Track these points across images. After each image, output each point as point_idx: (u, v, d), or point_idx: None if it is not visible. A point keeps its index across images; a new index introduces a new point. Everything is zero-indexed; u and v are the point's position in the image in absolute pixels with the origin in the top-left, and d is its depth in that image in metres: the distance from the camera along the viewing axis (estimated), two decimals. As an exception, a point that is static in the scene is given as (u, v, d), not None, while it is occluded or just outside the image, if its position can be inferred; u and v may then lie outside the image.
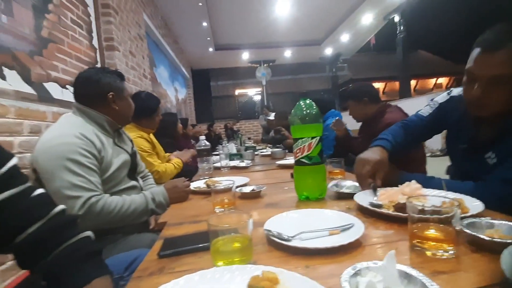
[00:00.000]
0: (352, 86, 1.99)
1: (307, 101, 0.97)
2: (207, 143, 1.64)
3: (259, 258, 0.53)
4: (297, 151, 0.94)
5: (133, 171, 1.16)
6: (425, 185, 0.88)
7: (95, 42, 2.49)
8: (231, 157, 2.26)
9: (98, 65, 2.50)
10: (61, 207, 0.61)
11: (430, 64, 15.43)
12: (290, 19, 6.47)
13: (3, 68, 1.42)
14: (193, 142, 3.99)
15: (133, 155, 1.18)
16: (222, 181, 1.33)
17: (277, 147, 3.54)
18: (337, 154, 2.16)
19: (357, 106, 1.85)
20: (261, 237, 0.62)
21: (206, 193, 1.16)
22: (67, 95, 1.95)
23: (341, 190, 0.96)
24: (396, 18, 6.50)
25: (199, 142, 1.63)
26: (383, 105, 1.83)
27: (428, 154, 1.77)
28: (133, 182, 1.12)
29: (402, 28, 6.44)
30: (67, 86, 1.98)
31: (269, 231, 0.59)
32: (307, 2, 5.76)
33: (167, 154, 2.11)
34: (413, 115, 1.19)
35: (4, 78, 1.42)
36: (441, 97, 1.10)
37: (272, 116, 4.61)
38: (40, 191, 0.60)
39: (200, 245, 0.57)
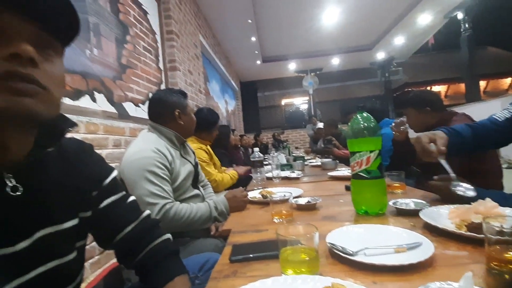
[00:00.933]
0: (413, 93, 1.84)
1: (364, 114, 0.97)
2: (261, 154, 1.71)
3: (324, 271, 0.56)
4: (355, 165, 0.94)
5: (196, 180, 1.30)
6: (503, 203, 0.81)
7: (160, 64, 2.82)
8: (281, 167, 2.30)
9: (163, 85, 2.81)
10: (147, 212, 0.73)
11: (502, 62, 13.43)
12: (338, 26, 6.36)
13: (94, 92, 1.72)
14: (242, 151, 4.16)
15: (195, 165, 1.32)
16: (277, 192, 1.38)
17: (327, 158, 3.47)
18: (394, 165, 2.03)
19: (418, 115, 1.71)
20: (323, 249, 0.65)
21: (262, 203, 1.22)
22: (140, 112, 2.24)
23: (403, 207, 0.92)
24: (460, 15, 5.89)
25: (253, 153, 1.72)
26: (447, 113, 1.68)
27: (504, 166, 1.56)
28: (196, 191, 1.24)
29: (467, 25, 5.81)
30: (139, 105, 2.27)
31: (333, 244, 0.61)
32: (356, 8, 5.62)
33: (224, 168, 2.26)
34: (485, 119, 1.09)
35: (95, 100, 1.71)
36: None
37: (320, 125, 4.53)
38: (132, 198, 0.73)
39: (268, 254, 0.62)
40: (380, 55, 8.67)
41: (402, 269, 0.51)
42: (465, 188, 0.88)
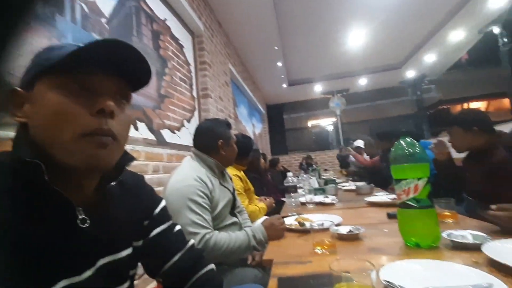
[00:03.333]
0: (461, 112, 1.75)
1: (408, 139, 0.94)
2: (295, 179, 1.69)
3: (382, 311, 0.52)
4: (401, 193, 0.89)
5: (233, 207, 1.30)
6: None
7: (194, 92, 2.99)
8: (314, 192, 2.25)
9: (197, 111, 2.95)
10: (192, 241, 0.74)
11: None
12: (364, 47, 6.35)
13: (137, 121, 1.85)
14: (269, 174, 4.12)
15: (233, 192, 1.33)
16: (316, 220, 1.34)
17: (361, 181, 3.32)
18: (438, 191, 1.88)
19: (463, 135, 1.60)
20: (378, 286, 0.60)
21: (300, 231, 1.18)
22: (176, 139, 2.36)
23: (460, 239, 0.84)
24: (496, 30, 5.62)
25: (287, 178, 1.70)
26: (497, 135, 1.56)
27: None
28: (234, 218, 1.25)
29: (505, 39, 5.50)
30: (175, 131, 2.40)
31: (390, 283, 0.57)
32: (382, 29, 5.60)
33: (256, 197, 2.28)
34: None
35: (137, 129, 1.83)
36: None
37: (359, 143, 4.34)
38: (178, 227, 0.74)
39: (318, 289, 0.60)
40: (410, 74, 8.42)
41: (475, 316, 0.46)
42: None
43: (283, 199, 2.39)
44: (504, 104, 10.87)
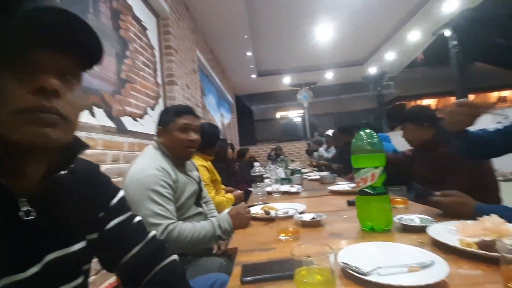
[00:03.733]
0: (412, 109, 1.87)
1: (368, 131, 0.99)
2: (262, 169, 1.71)
3: (339, 291, 0.55)
4: (360, 181, 0.94)
5: (199, 198, 1.27)
6: (510, 219, 0.82)
7: (159, 78, 2.84)
8: (281, 181, 2.30)
9: (161, 99, 2.82)
10: (153, 232, 0.71)
11: (490, 77, 13.94)
12: (331, 42, 6.55)
13: (94, 107, 1.71)
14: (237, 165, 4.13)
15: (199, 182, 1.30)
16: (281, 208, 1.37)
17: (325, 171, 3.48)
18: (392, 179, 2.04)
19: (416, 131, 1.73)
20: (335, 269, 0.63)
21: (265, 219, 1.20)
22: (138, 127, 2.23)
23: (409, 223, 0.92)
24: (447, 33, 6.14)
25: (254, 168, 1.71)
26: (442, 129, 1.72)
27: (499, 179, 1.59)
28: (200, 209, 1.22)
29: (454, 42, 6.05)
30: (138, 119, 2.27)
31: (346, 264, 0.60)
32: (348, 25, 5.81)
33: (223, 186, 2.26)
34: (478, 130, 1.13)
35: (94, 115, 1.70)
36: None
37: (329, 132, 4.47)
38: (138, 218, 0.71)
39: (280, 274, 0.61)
40: (372, 70, 8.91)
41: (419, 290, 0.51)
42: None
43: (250, 189, 2.41)
44: (451, 101, 12.04)
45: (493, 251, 0.60)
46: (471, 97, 12.38)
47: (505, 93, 13.95)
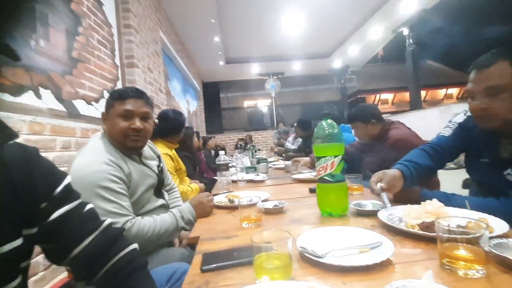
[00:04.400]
0: (357, 108, 2.00)
1: (329, 121, 1.02)
2: (226, 158, 1.69)
3: (296, 275, 0.57)
4: (320, 169, 0.98)
5: (160, 188, 1.20)
6: (447, 203, 0.91)
7: (117, 60, 2.63)
8: (246, 170, 2.31)
9: (120, 82, 2.62)
10: (109, 220, 0.66)
11: (439, 75, 15.36)
12: (300, 33, 6.62)
13: (40, 88, 1.53)
14: (203, 154, 4.06)
15: (160, 171, 1.21)
16: (244, 196, 1.38)
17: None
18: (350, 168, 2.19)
19: (365, 128, 1.86)
20: (294, 253, 0.66)
21: (230, 208, 1.20)
22: (93, 111, 2.06)
23: (363, 208, 0.99)
24: (405, 32, 6.56)
25: (219, 157, 1.69)
26: (387, 123, 1.86)
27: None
28: (161, 201, 1.15)
29: (411, 41, 6.49)
30: (92, 103, 2.09)
31: (304, 248, 0.63)
32: (315, 16, 5.91)
33: (187, 179, 2.21)
34: (435, 138, 1.20)
35: (40, 97, 1.52)
36: (458, 117, 1.14)
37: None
38: (90, 206, 0.65)
39: (240, 261, 0.62)
40: (337, 63, 9.24)
41: (368, 269, 0.55)
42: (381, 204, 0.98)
43: (215, 177, 2.39)
44: (405, 97, 13.04)
45: (432, 232, 0.67)
46: (423, 93, 13.52)
47: (451, 90, 15.49)
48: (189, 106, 7.14)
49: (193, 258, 0.69)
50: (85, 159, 0.94)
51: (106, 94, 2.32)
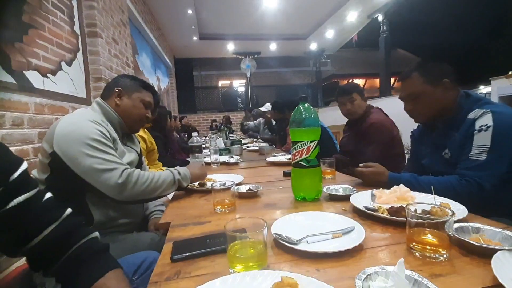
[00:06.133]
0: (351, 83, 2.04)
1: (306, 105, 1.00)
2: (199, 139, 1.63)
3: (270, 262, 0.56)
4: (296, 154, 0.97)
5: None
6: (416, 184, 0.97)
7: (76, 28, 2.35)
8: (220, 152, 2.26)
9: (80, 52, 2.37)
10: (69, 210, 0.62)
11: (408, 63, 16.03)
12: (277, 12, 6.43)
13: (-19, 55, 1.32)
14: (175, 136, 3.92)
15: (140, 154, 1.22)
16: (218, 180, 1.35)
17: (266, 141, 3.58)
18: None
19: (360, 101, 1.86)
20: (269, 240, 0.65)
21: (203, 191, 1.17)
22: (49, 84, 1.85)
23: (335, 192, 1.01)
24: (380, 18, 6.65)
25: (192, 138, 1.63)
26: (368, 106, 1.91)
27: (406, 151, 1.90)
28: None
29: (385, 27, 6.61)
30: (48, 75, 1.87)
31: (279, 235, 0.62)
32: (294, -4, 5.75)
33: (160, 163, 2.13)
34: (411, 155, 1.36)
35: (-19, 66, 1.32)
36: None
37: (265, 108, 4.52)
38: (49, 195, 0.62)
39: (213, 249, 0.59)
40: (313, 46, 9.20)
41: (341, 255, 0.56)
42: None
43: (188, 159, 2.32)
44: (376, 83, 13.52)
45: (400, 216, 0.70)
46: (392, 80, 14.10)
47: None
48: (160, 83, 6.78)
49: (163, 247, 0.66)
50: (70, 119, 0.94)
51: (64, 66, 2.09)
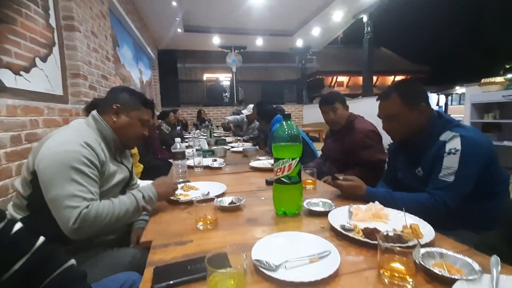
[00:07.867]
0: (334, 92, 2.05)
1: (289, 122, 1.02)
2: (183, 145, 1.62)
3: (250, 290, 0.58)
4: (278, 170, 0.99)
5: (126, 186, 1.17)
6: (391, 201, 1.03)
7: (52, 21, 2.23)
8: (203, 154, 2.25)
9: (56, 47, 2.25)
10: (42, 239, 0.60)
11: (389, 61, 16.48)
12: (264, 8, 6.37)
13: None
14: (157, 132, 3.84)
15: (131, 171, 1.21)
16: (201, 188, 1.36)
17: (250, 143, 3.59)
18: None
19: (342, 110, 1.89)
20: (249, 264, 0.67)
21: (186, 202, 1.17)
22: (22, 82, 1.75)
23: (315, 208, 1.04)
24: (365, 18, 6.77)
25: (175, 144, 1.61)
26: (350, 115, 1.95)
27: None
28: None
29: (369, 28, 6.74)
30: (22, 73, 1.77)
31: (259, 261, 0.64)
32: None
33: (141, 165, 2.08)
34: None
35: None
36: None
37: (248, 110, 4.52)
38: (18, 225, 0.59)
39: (194, 276, 0.60)
40: (299, 43, 9.23)
41: (316, 284, 0.58)
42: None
43: (171, 160, 2.29)
44: (359, 80, 13.82)
45: (373, 239, 0.74)
46: (374, 78, 14.46)
47: (399, 77, 16.83)
48: (142, 76, 6.58)
49: (144, 271, 0.66)
50: (62, 138, 0.94)
51: (39, 62, 1.98)
